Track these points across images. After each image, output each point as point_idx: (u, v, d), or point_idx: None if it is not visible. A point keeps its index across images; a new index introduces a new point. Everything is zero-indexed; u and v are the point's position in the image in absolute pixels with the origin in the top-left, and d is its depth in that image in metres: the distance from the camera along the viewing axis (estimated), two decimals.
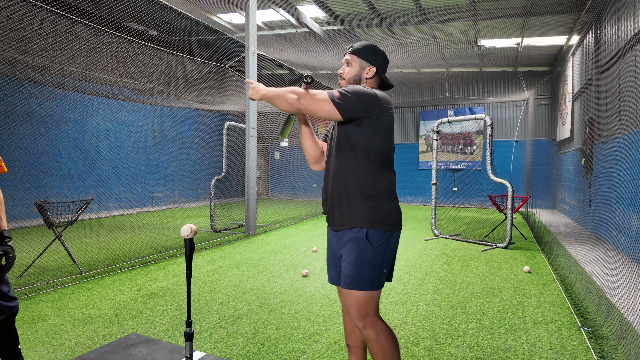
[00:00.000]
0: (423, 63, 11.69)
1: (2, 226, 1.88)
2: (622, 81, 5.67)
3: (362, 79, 1.77)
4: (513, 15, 7.90)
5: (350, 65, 1.79)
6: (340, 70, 1.82)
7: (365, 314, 1.63)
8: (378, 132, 1.64)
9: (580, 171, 7.70)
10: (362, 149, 1.64)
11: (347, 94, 1.59)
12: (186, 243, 1.79)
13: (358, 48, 1.78)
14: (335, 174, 1.70)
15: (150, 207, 10.98)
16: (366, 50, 1.78)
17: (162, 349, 2.52)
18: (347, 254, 1.64)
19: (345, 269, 1.65)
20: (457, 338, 2.76)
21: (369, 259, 1.61)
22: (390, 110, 1.68)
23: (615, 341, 2.61)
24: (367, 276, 1.61)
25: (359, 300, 1.62)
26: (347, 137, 1.66)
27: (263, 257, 5.25)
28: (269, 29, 9.62)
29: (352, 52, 1.79)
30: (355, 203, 1.64)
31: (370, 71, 1.77)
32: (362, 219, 1.62)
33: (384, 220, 1.64)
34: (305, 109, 1.60)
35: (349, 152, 1.66)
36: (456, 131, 12.99)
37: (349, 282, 1.62)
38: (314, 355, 2.49)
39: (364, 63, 1.77)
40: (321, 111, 1.59)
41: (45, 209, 4.19)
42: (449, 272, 4.51)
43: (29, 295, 3.55)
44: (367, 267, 1.61)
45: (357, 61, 1.78)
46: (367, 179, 1.64)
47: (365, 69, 1.77)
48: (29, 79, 6.35)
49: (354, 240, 1.63)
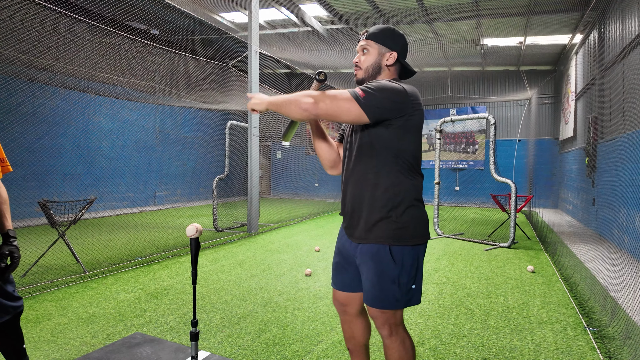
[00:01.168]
0: (425, 62, 11.66)
1: (7, 226, 1.88)
2: (627, 80, 5.63)
3: (382, 67, 1.57)
4: (516, 14, 7.86)
5: (367, 51, 1.57)
6: (355, 59, 1.61)
7: (392, 324, 1.55)
8: (409, 134, 1.47)
9: (584, 170, 7.67)
10: (390, 154, 1.47)
11: (373, 92, 1.38)
12: (192, 242, 1.78)
13: (375, 32, 1.57)
14: (357, 182, 1.54)
15: (153, 207, 10.98)
16: (385, 34, 1.57)
17: (167, 349, 2.51)
18: (368, 271, 1.52)
19: (367, 286, 1.53)
20: (462, 338, 2.75)
21: (393, 277, 1.48)
22: (421, 107, 1.50)
23: (621, 341, 2.59)
24: (391, 295, 1.48)
25: (385, 315, 1.53)
26: (372, 141, 1.48)
27: (266, 256, 5.24)
28: (271, 28, 9.61)
29: (368, 37, 1.57)
30: (378, 216, 1.49)
31: (391, 57, 1.56)
32: (385, 235, 1.47)
33: (410, 234, 1.49)
34: (326, 114, 1.36)
35: (373, 158, 1.49)
36: (459, 130, 12.96)
37: (372, 301, 1.52)
38: (318, 355, 2.48)
39: (383, 49, 1.56)
40: (346, 115, 1.37)
41: (48, 208, 4.20)
42: (453, 272, 4.50)
43: (33, 295, 3.55)
44: (391, 286, 1.48)
45: (375, 47, 1.56)
46: (395, 187, 1.48)
47: (385, 55, 1.56)
48: (31, 78, 6.35)
49: (375, 257, 1.49)
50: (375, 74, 1.59)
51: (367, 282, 1.53)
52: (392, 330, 1.55)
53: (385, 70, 1.59)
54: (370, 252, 1.51)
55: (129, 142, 10.36)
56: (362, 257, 1.55)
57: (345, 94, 1.37)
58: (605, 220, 6.17)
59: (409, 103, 1.43)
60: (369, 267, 1.51)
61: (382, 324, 1.54)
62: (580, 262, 4.87)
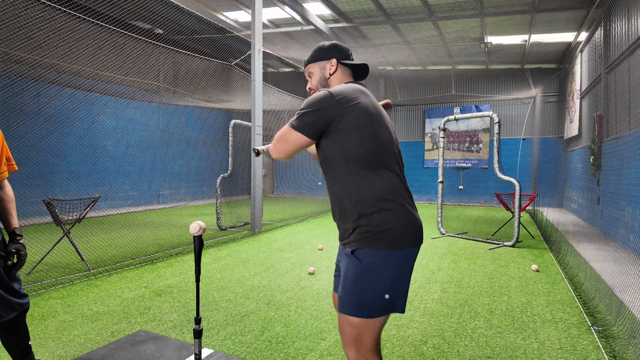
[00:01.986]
0: (429, 60, 11.62)
1: (14, 224, 1.89)
2: (633, 78, 5.59)
3: (328, 78, 1.62)
4: (521, 12, 7.82)
5: (312, 74, 1.65)
6: (307, 87, 1.68)
7: (360, 346, 1.39)
8: (349, 134, 1.40)
9: (589, 169, 7.62)
10: (341, 161, 1.43)
11: (302, 111, 1.42)
12: (195, 240, 1.78)
13: (309, 57, 1.66)
14: (330, 195, 1.54)
15: (157, 205, 11.03)
16: (316, 53, 1.64)
17: (171, 346, 2.53)
18: (343, 275, 1.47)
19: (340, 291, 1.45)
20: (466, 337, 2.74)
21: (365, 282, 1.39)
22: (355, 101, 1.41)
23: (626, 341, 2.58)
24: (356, 300, 1.38)
25: (351, 326, 1.39)
26: (325, 155, 1.48)
27: (269, 254, 5.26)
28: (274, 27, 9.61)
29: (306, 65, 1.67)
30: (351, 225, 1.45)
31: (331, 66, 1.60)
32: (356, 239, 1.42)
33: (381, 237, 1.38)
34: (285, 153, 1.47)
35: (331, 169, 1.48)
36: (462, 129, 12.92)
37: (340, 304, 1.43)
38: (321, 353, 2.48)
39: (321, 63, 1.62)
40: (294, 145, 1.44)
41: (53, 206, 4.23)
42: (456, 271, 4.49)
43: (38, 292, 3.58)
44: (362, 291, 1.38)
45: (314, 67, 1.64)
46: (356, 194, 1.42)
47: (326, 67, 1.61)
48: (37, 77, 6.40)
49: (346, 258, 1.46)
50: (326, 86, 1.62)
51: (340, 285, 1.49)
52: (358, 354, 1.39)
53: (333, 79, 1.62)
54: (345, 254, 1.48)
55: (133, 141, 10.41)
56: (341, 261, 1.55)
57: (285, 127, 1.45)
58: (611, 219, 6.13)
59: (334, 104, 1.39)
60: (343, 268, 1.48)
61: (348, 341, 1.40)
62: (584, 261, 4.84)
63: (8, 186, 1.93)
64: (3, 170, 1.88)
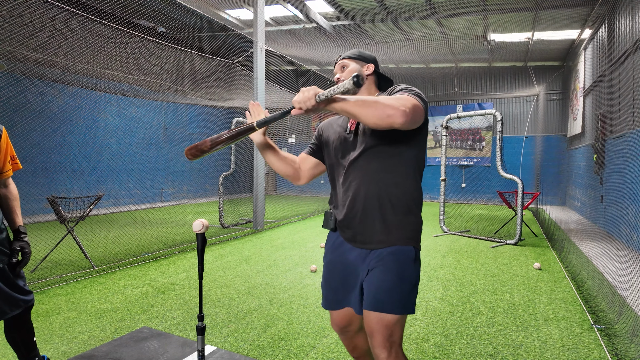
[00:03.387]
0: (432, 58, 11.59)
1: (18, 222, 1.91)
2: (637, 75, 5.56)
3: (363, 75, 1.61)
4: (524, 9, 7.78)
5: (346, 67, 1.61)
6: (335, 77, 1.64)
7: (393, 343, 1.41)
8: (423, 138, 1.48)
9: (592, 167, 7.59)
10: (410, 154, 1.45)
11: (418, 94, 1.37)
12: (198, 238, 1.79)
13: (348, 54, 1.65)
14: (369, 182, 1.46)
15: (160, 203, 11.07)
16: (357, 53, 1.65)
17: (174, 343, 2.54)
18: (385, 273, 1.42)
19: (379, 289, 1.42)
20: (467, 334, 2.75)
21: (412, 279, 1.44)
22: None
23: (628, 339, 2.58)
24: (407, 297, 1.42)
25: (391, 326, 1.40)
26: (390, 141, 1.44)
27: (272, 252, 5.27)
28: (276, 25, 9.60)
29: (343, 58, 1.64)
30: (400, 217, 1.45)
31: (369, 68, 1.61)
32: (409, 236, 1.45)
33: (419, 237, 1.50)
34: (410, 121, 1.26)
35: (392, 157, 1.44)
36: (465, 127, 12.88)
37: (385, 305, 1.40)
38: (323, 350, 2.49)
39: (360, 62, 1.62)
40: (420, 117, 1.31)
41: (57, 204, 4.25)
42: (458, 269, 4.49)
43: (42, 289, 3.60)
44: (409, 288, 1.43)
45: (352, 62, 1.62)
46: (411, 189, 1.47)
47: (364, 66, 1.61)
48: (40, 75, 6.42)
49: (397, 258, 1.43)
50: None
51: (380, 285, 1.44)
52: (391, 352, 1.41)
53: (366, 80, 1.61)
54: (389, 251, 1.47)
55: (136, 139, 10.44)
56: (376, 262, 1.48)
57: (411, 98, 1.30)
58: (614, 217, 6.11)
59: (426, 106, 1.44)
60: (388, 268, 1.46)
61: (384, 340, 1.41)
62: (587, 260, 4.83)
63: (12, 184, 1.95)
64: (7, 168, 1.90)
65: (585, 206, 8.42)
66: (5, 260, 1.79)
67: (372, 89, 1.62)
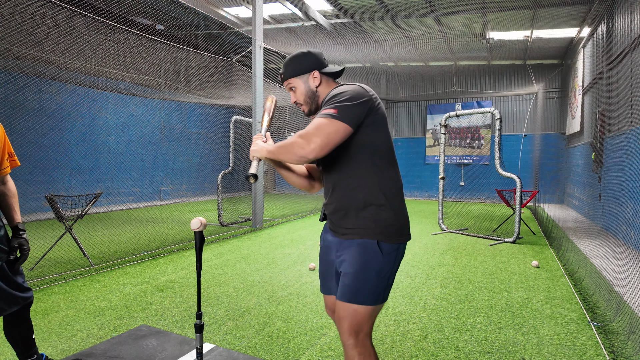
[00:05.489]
0: (431, 56, 11.58)
1: (17, 219, 1.91)
2: (635, 74, 5.57)
3: (314, 89, 1.59)
4: (523, 7, 7.78)
5: (295, 88, 1.60)
6: (292, 101, 1.64)
7: (358, 331, 1.44)
8: (379, 129, 1.47)
9: (590, 165, 7.60)
10: (366, 152, 1.47)
11: (342, 104, 1.39)
12: (196, 236, 1.80)
13: (287, 71, 1.60)
14: (340, 187, 1.52)
15: (158, 201, 11.07)
16: (294, 65, 1.59)
17: (172, 341, 2.55)
18: (351, 263, 1.46)
19: (346, 278, 1.46)
20: (465, 332, 2.76)
21: (377, 269, 1.44)
22: (379, 100, 1.51)
23: (625, 336, 2.59)
24: (371, 288, 1.43)
25: (357, 315, 1.43)
26: (346, 146, 1.46)
27: (270, 250, 5.28)
28: (275, 23, 9.58)
29: (285, 79, 1.61)
30: (364, 214, 1.47)
31: (315, 77, 1.58)
32: (373, 232, 1.46)
33: (395, 231, 1.48)
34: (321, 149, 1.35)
35: (350, 161, 1.48)
36: (464, 125, 12.89)
37: (349, 294, 1.44)
38: (322, 348, 2.50)
39: (303, 77, 1.58)
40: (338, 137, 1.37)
41: (56, 202, 4.25)
42: (457, 267, 4.50)
43: (41, 287, 3.61)
44: (374, 278, 1.44)
45: (296, 81, 1.59)
46: (376, 185, 1.47)
47: (309, 80, 1.58)
48: (38, 73, 6.40)
49: (361, 247, 1.46)
50: (315, 97, 1.61)
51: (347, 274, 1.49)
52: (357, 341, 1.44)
53: (320, 89, 1.60)
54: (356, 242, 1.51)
55: (135, 138, 10.42)
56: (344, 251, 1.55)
57: (322, 121, 1.37)
58: (612, 215, 6.13)
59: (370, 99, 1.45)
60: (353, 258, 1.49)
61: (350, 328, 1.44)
62: (585, 258, 4.85)
63: (11, 181, 1.94)
64: (5, 165, 1.90)
65: (584, 204, 8.44)
66: (4, 258, 1.79)
67: (330, 85, 1.61)
